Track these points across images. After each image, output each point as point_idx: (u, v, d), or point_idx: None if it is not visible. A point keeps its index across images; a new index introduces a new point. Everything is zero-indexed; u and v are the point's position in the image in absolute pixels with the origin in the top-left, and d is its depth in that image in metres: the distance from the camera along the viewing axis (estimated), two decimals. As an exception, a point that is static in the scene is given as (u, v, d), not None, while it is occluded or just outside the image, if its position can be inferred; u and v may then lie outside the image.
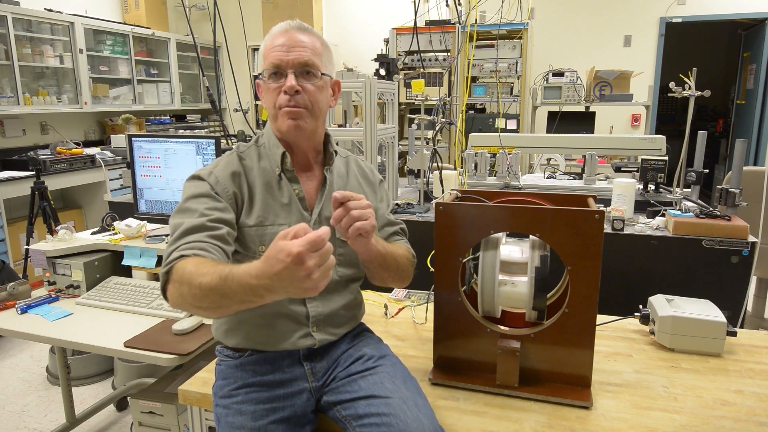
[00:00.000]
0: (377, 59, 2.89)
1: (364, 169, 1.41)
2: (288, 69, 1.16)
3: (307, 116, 1.19)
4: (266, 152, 1.26)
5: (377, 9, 5.97)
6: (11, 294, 1.90)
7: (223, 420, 1.15)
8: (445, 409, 1.19)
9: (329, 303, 1.26)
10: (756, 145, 5.55)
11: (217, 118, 4.53)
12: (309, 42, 1.19)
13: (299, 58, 1.17)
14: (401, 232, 1.44)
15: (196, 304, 1.00)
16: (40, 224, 3.29)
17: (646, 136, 2.76)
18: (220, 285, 0.94)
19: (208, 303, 0.98)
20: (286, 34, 1.19)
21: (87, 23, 4.79)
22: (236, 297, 0.94)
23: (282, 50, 1.17)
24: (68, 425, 2.32)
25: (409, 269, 1.34)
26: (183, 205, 1.17)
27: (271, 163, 1.25)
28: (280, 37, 1.19)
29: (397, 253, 1.29)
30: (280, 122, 1.20)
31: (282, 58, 1.16)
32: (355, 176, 1.37)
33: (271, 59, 1.17)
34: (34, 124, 4.73)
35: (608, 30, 5.51)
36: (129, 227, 2.13)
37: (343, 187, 1.31)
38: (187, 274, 0.99)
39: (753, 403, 1.20)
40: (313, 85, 1.19)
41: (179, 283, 1.01)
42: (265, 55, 1.19)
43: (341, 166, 1.35)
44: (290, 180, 1.25)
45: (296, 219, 1.22)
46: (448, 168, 2.99)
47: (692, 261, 2.04)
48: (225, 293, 0.94)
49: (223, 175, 1.21)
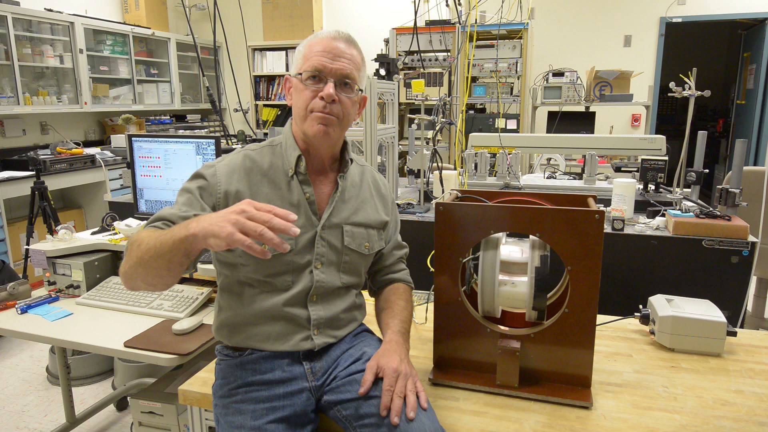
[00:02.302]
0: (377, 59, 2.89)
1: (379, 183, 1.41)
2: (329, 76, 1.17)
3: (336, 125, 1.20)
4: (281, 152, 1.26)
5: (377, 9, 5.97)
6: (11, 294, 1.90)
7: (223, 419, 1.15)
8: (445, 409, 1.19)
9: (331, 307, 1.26)
10: (756, 145, 5.55)
11: (217, 118, 4.54)
12: (353, 55, 1.21)
13: (342, 69, 1.18)
14: (404, 258, 1.47)
15: (137, 259, 1.05)
16: (40, 224, 3.29)
17: (646, 136, 2.76)
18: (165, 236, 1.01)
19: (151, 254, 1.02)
20: (334, 41, 1.19)
21: (87, 23, 4.80)
22: (166, 244, 1.00)
23: (327, 57, 1.17)
24: (68, 425, 2.32)
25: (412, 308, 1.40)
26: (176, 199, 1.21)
27: (284, 163, 1.25)
28: (327, 42, 1.19)
29: (408, 316, 1.34)
30: (308, 125, 1.20)
31: (326, 65, 1.17)
32: (369, 187, 1.37)
33: (314, 62, 1.17)
34: (34, 124, 4.73)
35: (608, 30, 5.51)
36: (129, 227, 2.13)
37: (355, 196, 1.32)
38: (136, 239, 1.07)
39: (753, 403, 1.20)
40: (349, 97, 1.20)
41: (128, 252, 1.08)
42: (307, 57, 1.19)
43: (356, 175, 1.35)
44: (302, 183, 1.24)
45: (304, 222, 1.22)
46: (448, 168, 3.00)
47: (692, 261, 2.04)
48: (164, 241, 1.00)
49: (223, 171, 1.22)
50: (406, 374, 1.12)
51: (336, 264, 1.26)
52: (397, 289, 1.39)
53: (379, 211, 1.35)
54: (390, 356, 1.15)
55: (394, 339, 1.22)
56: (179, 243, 0.98)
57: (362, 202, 1.32)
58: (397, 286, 1.40)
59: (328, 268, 1.25)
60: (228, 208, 0.97)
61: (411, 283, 1.45)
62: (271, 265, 1.19)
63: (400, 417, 1.05)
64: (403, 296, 1.36)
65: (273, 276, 1.20)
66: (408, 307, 1.34)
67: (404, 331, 1.26)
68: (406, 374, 1.12)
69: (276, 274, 1.20)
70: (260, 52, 6.04)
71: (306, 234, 1.22)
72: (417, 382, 1.13)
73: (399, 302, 1.34)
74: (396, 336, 1.23)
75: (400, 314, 1.30)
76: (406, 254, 1.47)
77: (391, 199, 1.43)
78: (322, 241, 1.23)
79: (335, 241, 1.25)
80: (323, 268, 1.24)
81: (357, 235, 1.28)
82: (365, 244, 1.30)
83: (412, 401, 1.08)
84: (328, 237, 1.24)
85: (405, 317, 1.30)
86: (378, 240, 1.34)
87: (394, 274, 1.42)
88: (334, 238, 1.25)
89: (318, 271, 1.23)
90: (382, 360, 1.15)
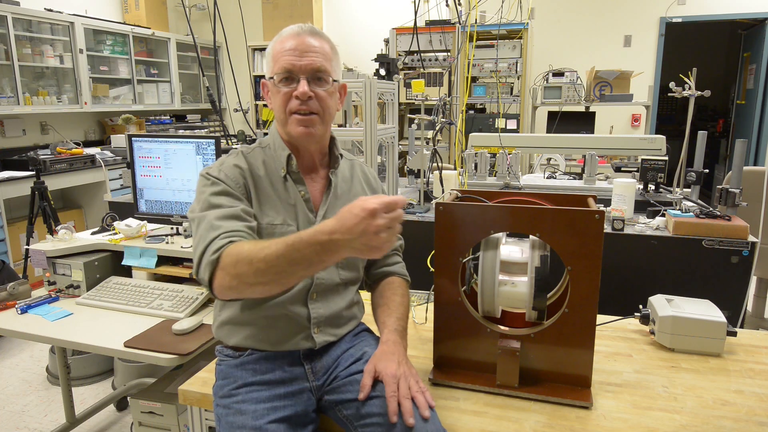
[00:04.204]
0: (377, 59, 2.89)
1: (369, 175, 1.42)
2: (300, 74, 1.16)
3: (318, 122, 1.20)
4: (271, 153, 1.26)
5: (377, 9, 5.97)
6: (11, 294, 1.90)
7: (224, 420, 1.15)
8: (445, 409, 1.19)
9: (330, 305, 1.26)
10: (756, 145, 5.55)
11: (217, 118, 4.53)
12: (320, 47, 1.19)
13: (312, 64, 1.16)
14: (399, 250, 1.46)
15: (258, 280, 1.00)
16: (40, 224, 3.29)
17: (646, 136, 2.76)
18: (287, 251, 0.97)
19: (273, 273, 0.99)
20: (298, 37, 1.17)
21: (87, 23, 4.79)
22: (305, 259, 0.96)
23: (294, 55, 1.16)
24: (68, 425, 2.32)
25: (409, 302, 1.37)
26: (205, 200, 1.16)
27: (276, 165, 1.25)
28: (291, 40, 1.17)
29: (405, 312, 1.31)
30: (290, 127, 1.20)
31: (294, 63, 1.16)
32: (360, 182, 1.38)
33: (283, 63, 1.16)
34: (34, 124, 4.73)
35: (608, 30, 5.51)
36: (129, 227, 2.13)
37: (347, 191, 1.32)
38: (245, 252, 1.01)
39: (753, 403, 1.20)
40: (325, 90, 1.19)
41: (235, 265, 1.02)
42: (276, 58, 1.18)
43: (346, 169, 1.36)
44: (296, 182, 1.25)
45: (302, 220, 1.23)
46: (448, 168, 2.99)
47: (692, 261, 2.04)
48: (293, 258, 0.97)
49: (231, 172, 1.21)
50: (407, 375, 1.11)
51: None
52: (392, 283, 1.37)
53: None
54: (388, 360, 1.14)
55: (390, 339, 1.21)
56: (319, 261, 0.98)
57: (354, 196, 1.30)
58: (392, 281, 1.38)
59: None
60: (358, 217, 0.91)
61: (407, 276, 1.43)
62: None
63: (414, 417, 1.05)
64: (398, 291, 1.35)
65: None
66: (404, 302, 1.33)
67: (401, 329, 1.25)
68: (406, 376, 1.11)
69: None
70: (260, 52, 6.04)
71: None
72: (419, 381, 1.13)
73: (395, 298, 1.32)
74: (392, 336, 1.22)
75: (396, 311, 1.29)
76: (402, 246, 1.47)
77: (381, 190, 1.43)
78: None
79: None
80: None
81: None
82: None
83: (421, 401, 1.08)
84: None
85: (401, 314, 1.29)
86: None
87: (389, 267, 1.41)
88: None
89: None
90: (380, 365, 1.14)
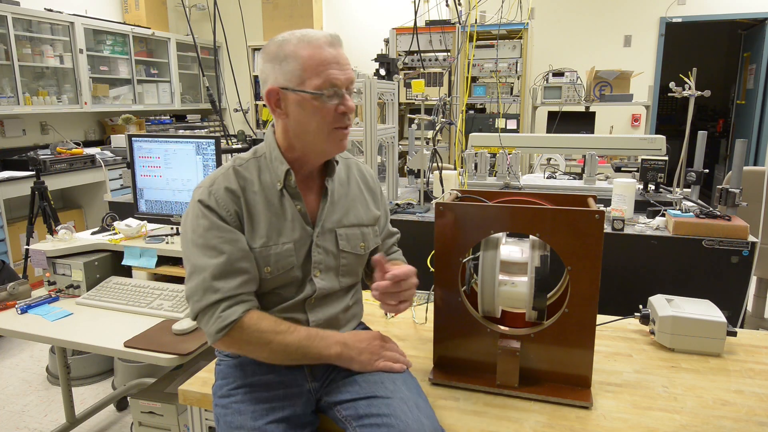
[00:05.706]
0: (377, 59, 2.89)
1: (366, 175, 1.38)
2: (343, 87, 1.13)
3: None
4: (267, 164, 1.20)
5: (377, 9, 5.97)
6: (11, 294, 1.90)
7: (223, 420, 1.15)
8: (445, 409, 1.19)
9: (328, 309, 1.26)
10: (756, 145, 5.55)
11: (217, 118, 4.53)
12: (348, 58, 1.17)
13: (351, 77, 1.15)
14: (396, 243, 1.50)
15: (266, 356, 1.15)
16: (40, 224, 3.29)
17: (646, 136, 2.76)
18: (305, 344, 1.13)
19: (282, 355, 1.14)
20: (335, 49, 1.13)
21: (87, 23, 4.80)
22: (313, 355, 1.14)
23: (337, 68, 1.11)
24: (68, 425, 2.32)
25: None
26: (199, 237, 1.13)
27: (272, 178, 1.19)
28: (329, 52, 1.11)
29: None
30: (333, 144, 1.17)
31: (339, 77, 1.11)
32: (357, 182, 1.34)
33: (329, 77, 1.10)
34: (34, 124, 4.73)
35: (608, 30, 5.51)
36: (129, 227, 2.13)
37: (344, 195, 1.29)
38: (265, 332, 1.12)
39: (753, 403, 1.20)
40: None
41: (248, 342, 1.12)
42: (317, 71, 1.10)
43: (342, 170, 1.31)
44: (292, 196, 1.20)
45: (299, 235, 1.20)
46: (448, 168, 2.99)
47: (692, 261, 2.04)
48: (307, 353, 1.13)
49: (222, 195, 1.15)
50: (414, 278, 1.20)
51: (335, 269, 1.25)
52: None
53: (370, 207, 1.33)
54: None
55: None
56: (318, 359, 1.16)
57: (352, 200, 1.30)
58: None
59: (327, 273, 1.24)
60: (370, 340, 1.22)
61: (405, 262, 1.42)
62: (278, 281, 1.19)
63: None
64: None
65: (279, 288, 1.21)
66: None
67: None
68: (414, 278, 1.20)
69: (281, 286, 1.21)
70: (260, 52, 6.03)
71: (303, 246, 1.21)
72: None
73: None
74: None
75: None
76: (398, 239, 1.49)
77: (379, 190, 1.41)
78: (318, 248, 1.22)
79: (330, 246, 1.24)
80: (322, 275, 1.23)
81: (351, 236, 1.27)
82: (360, 244, 1.29)
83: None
84: (323, 243, 1.23)
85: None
86: (374, 237, 1.33)
87: (388, 255, 1.44)
88: (329, 243, 1.24)
89: (318, 279, 1.22)
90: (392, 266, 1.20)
